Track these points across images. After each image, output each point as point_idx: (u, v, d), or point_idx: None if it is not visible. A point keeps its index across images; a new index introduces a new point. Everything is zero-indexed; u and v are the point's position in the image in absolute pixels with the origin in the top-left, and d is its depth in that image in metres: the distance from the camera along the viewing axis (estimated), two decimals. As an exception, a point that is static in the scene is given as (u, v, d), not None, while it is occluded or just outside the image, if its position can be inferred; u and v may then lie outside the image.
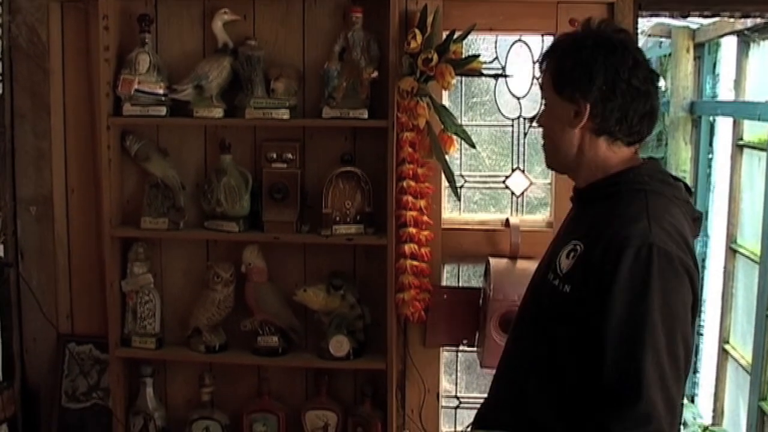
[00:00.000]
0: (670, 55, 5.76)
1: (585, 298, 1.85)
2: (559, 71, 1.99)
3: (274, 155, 3.18)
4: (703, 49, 5.46)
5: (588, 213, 2.01)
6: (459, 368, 3.54)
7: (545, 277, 1.99)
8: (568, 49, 2.00)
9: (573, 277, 1.90)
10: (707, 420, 5.05)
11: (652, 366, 1.76)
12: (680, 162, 5.54)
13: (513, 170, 3.39)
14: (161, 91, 3.14)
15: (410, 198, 3.09)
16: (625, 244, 1.81)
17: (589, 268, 1.86)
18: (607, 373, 1.79)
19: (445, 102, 3.22)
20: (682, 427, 5.11)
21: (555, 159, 2.08)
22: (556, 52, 2.04)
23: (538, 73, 2.11)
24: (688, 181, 5.54)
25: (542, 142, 2.11)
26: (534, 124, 2.15)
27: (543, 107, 2.08)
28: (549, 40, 3.20)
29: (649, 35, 5.60)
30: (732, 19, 4.28)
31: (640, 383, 1.75)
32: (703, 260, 5.51)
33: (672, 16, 4.08)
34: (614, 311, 1.78)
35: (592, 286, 1.83)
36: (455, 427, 3.52)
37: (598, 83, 1.93)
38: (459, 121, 3.20)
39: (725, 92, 5.23)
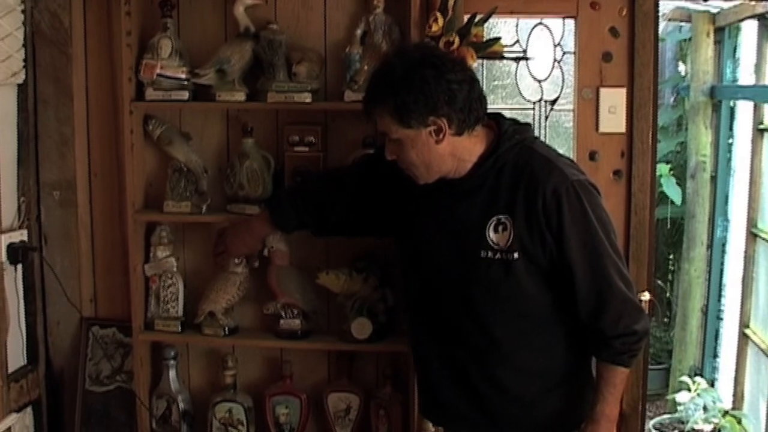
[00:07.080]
0: (690, 39, 5.73)
1: (538, 248, 2.24)
2: (398, 109, 2.20)
3: (297, 139, 3.17)
4: (723, 33, 5.43)
5: (487, 190, 2.29)
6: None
7: (475, 254, 2.29)
8: (395, 87, 2.21)
9: (516, 243, 2.24)
10: (727, 404, 5.04)
11: (614, 270, 2.25)
12: (700, 146, 5.52)
13: (534, 153, 3.39)
14: (183, 76, 3.14)
15: (432, 180, 3.09)
16: (557, 193, 2.20)
17: (534, 226, 2.23)
18: (583, 291, 2.25)
19: (467, 85, 3.21)
20: (702, 411, 5.12)
21: (430, 174, 2.32)
22: (381, 95, 2.25)
23: (376, 122, 2.34)
24: (709, 166, 5.54)
25: (408, 170, 2.34)
26: (389, 159, 2.34)
27: (393, 145, 2.30)
28: (570, 23, 3.20)
29: (669, 19, 5.57)
30: (753, 3, 4.26)
31: (611, 286, 2.25)
32: (724, 244, 5.50)
33: (693, 0, 4.07)
34: (573, 246, 2.22)
35: (545, 235, 2.23)
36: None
37: (441, 98, 2.18)
38: (480, 104, 3.20)
39: (746, 76, 5.21)
